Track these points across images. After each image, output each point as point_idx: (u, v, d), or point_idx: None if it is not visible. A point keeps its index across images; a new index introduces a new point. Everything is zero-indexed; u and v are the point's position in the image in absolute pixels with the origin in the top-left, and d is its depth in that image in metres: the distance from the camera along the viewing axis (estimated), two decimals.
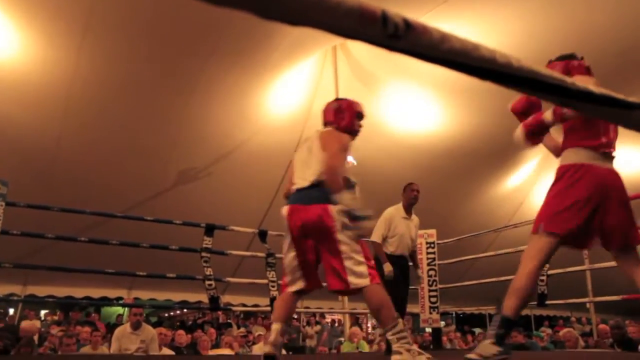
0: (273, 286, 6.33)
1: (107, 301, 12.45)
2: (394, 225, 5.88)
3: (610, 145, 2.91)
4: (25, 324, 9.07)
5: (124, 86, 8.83)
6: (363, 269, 3.06)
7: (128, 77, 8.72)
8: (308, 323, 14.82)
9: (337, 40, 10.44)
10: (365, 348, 9.49)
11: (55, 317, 14.31)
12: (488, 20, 9.00)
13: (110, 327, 10.55)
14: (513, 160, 13.12)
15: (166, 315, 21.18)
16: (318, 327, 13.51)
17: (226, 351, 7.65)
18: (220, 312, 13.69)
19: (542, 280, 5.89)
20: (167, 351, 6.71)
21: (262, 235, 7.01)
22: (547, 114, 3.06)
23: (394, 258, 5.85)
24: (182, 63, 8.69)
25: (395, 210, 6.04)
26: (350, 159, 10.16)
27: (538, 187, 15.27)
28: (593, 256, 9.86)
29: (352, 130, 3.56)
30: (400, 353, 2.86)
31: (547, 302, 6.02)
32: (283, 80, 10.23)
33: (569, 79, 0.79)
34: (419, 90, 10.81)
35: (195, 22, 8.06)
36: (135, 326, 6.34)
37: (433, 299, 6.93)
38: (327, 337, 12.42)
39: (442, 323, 10.30)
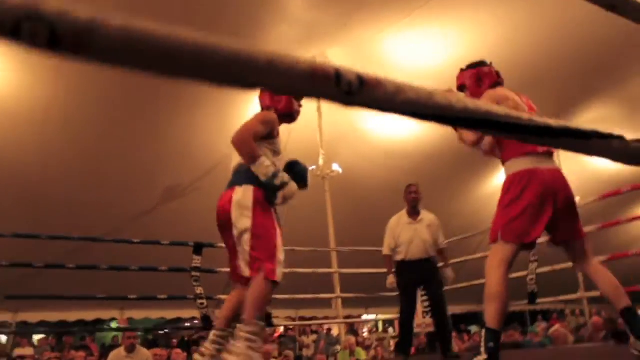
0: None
1: (100, 324, 12.36)
2: (398, 234, 5.73)
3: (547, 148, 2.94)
4: (19, 351, 8.99)
5: (103, 105, 8.80)
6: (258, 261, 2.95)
7: (107, 95, 8.68)
8: (304, 332, 14.79)
9: (316, 51, 10.47)
10: (362, 355, 9.49)
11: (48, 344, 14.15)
12: (467, 23, 9.09)
13: (105, 349, 10.48)
14: (496, 160, 13.20)
15: (161, 332, 21.02)
16: (314, 337, 13.49)
17: None
18: None
19: (531, 280, 5.91)
20: None
21: None
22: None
23: (408, 265, 5.70)
24: (161, 81, 8.67)
25: (398, 218, 5.90)
26: (335, 167, 10.20)
27: None
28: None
29: (292, 112, 3.47)
30: (235, 354, 2.67)
31: (539, 300, 6.03)
32: None
33: (525, 116, 0.80)
34: None
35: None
36: (130, 349, 6.31)
37: (425, 304, 6.94)
38: (324, 345, 12.39)
39: None
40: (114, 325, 17.82)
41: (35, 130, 8.66)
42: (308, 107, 11.04)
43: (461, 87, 3.32)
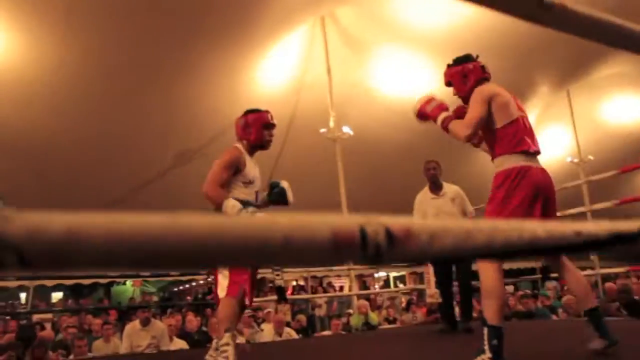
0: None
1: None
2: (423, 210, 5.54)
3: (537, 145, 2.97)
4: (37, 317, 9.17)
5: (110, 76, 8.69)
6: (225, 282, 3.23)
7: (113, 66, 8.57)
8: (315, 291, 14.94)
9: (325, 10, 10.23)
10: (375, 319, 9.55)
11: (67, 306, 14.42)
12: None
13: (122, 314, 10.63)
14: None
15: (175, 290, 21.41)
16: (326, 297, 13.61)
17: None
18: None
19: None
20: (178, 342, 6.74)
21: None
22: (439, 119, 3.12)
23: None
24: (166, 45, 8.54)
25: (422, 195, 5.72)
26: (346, 129, 10.08)
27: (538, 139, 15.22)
28: (592, 197, 9.88)
29: (263, 142, 3.61)
30: None
31: None
32: (272, 54, 10.07)
33: (568, 230, 0.72)
34: (412, 54, 10.65)
35: (176, 3, 7.88)
36: (145, 323, 6.36)
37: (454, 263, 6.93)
38: (336, 306, 12.49)
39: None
40: (128, 285, 18.18)
41: (46, 103, 8.59)
42: (317, 66, 10.88)
43: (448, 84, 3.26)
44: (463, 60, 3.22)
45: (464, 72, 3.14)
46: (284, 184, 3.77)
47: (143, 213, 0.45)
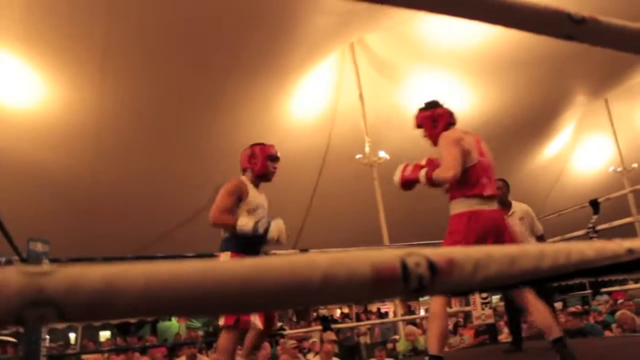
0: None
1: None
2: None
3: (493, 189, 3.15)
4: (86, 357, 9.28)
5: (149, 113, 8.90)
6: None
7: (152, 103, 8.78)
8: (358, 318, 14.79)
9: (354, 37, 10.31)
10: (422, 343, 9.38)
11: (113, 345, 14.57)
12: None
13: (168, 351, 10.66)
14: (548, 129, 12.82)
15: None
16: (370, 324, 13.44)
17: None
18: None
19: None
20: None
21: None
22: (422, 176, 3.23)
23: None
24: (204, 78, 8.70)
25: None
26: (382, 153, 10.05)
27: (577, 152, 14.92)
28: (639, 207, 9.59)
29: (267, 173, 3.74)
30: None
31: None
32: (305, 83, 10.17)
33: (617, 248, 0.69)
34: (444, 75, 10.62)
35: (211, 38, 8.06)
36: (191, 359, 6.38)
37: (483, 294, 6.77)
38: (379, 333, 12.33)
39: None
40: (174, 321, 18.28)
41: (89, 145, 8.83)
42: (350, 93, 10.93)
43: (419, 127, 3.46)
44: (433, 106, 3.42)
45: (434, 117, 3.35)
46: (272, 224, 3.64)
47: (179, 260, 0.44)
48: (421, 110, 3.46)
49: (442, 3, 0.80)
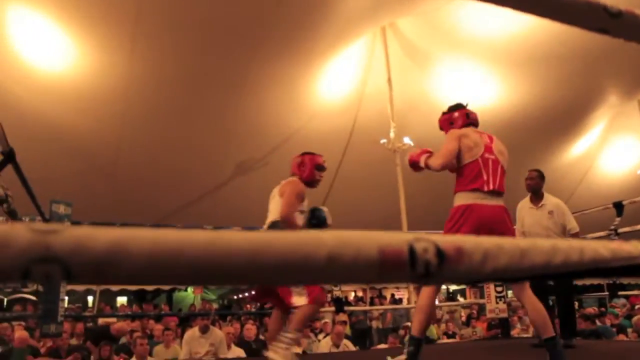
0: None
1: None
2: (522, 219, 5.41)
3: (496, 184, 3.30)
4: (102, 320, 9.47)
5: (177, 84, 8.93)
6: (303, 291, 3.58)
7: (180, 74, 8.81)
8: (372, 302, 14.83)
9: (386, 20, 10.20)
10: (434, 332, 9.39)
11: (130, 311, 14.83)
12: None
13: (182, 321, 10.82)
14: (576, 127, 12.61)
15: (235, 297, 21.68)
16: (383, 309, 13.47)
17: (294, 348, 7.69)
18: None
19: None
20: (236, 350, 6.81)
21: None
22: (422, 160, 3.51)
23: None
24: (232, 55, 8.70)
25: (523, 202, 5.54)
26: (406, 140, 9.99)
27: (605, 152, 14.67)
28: None
29: (313, 180, 4.08)
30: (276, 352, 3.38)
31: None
32: (333, 65, 10.11)
33: (635, 252, 0.68)
34: (475, 64, 10.48)
35: (243, 14, 8.04)
36: (204, 330, 6.47)
37: (499, 288, 6.74)
38: (391, 318, 12.35)
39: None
40: (189, 292, 18.54)
41: (116, 110, 8.91)
42: (378, 77, 10.85)
43: (441, 129, 3.72)
44: (453, 109, 3.69)
45: (451, 120, 3.62)
46: (324, 211, 4.14)
47: (187, 229, 0.44)
48: (443, 113, 3.73)
49: None
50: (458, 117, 3.61)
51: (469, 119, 3.59)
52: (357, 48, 10.52)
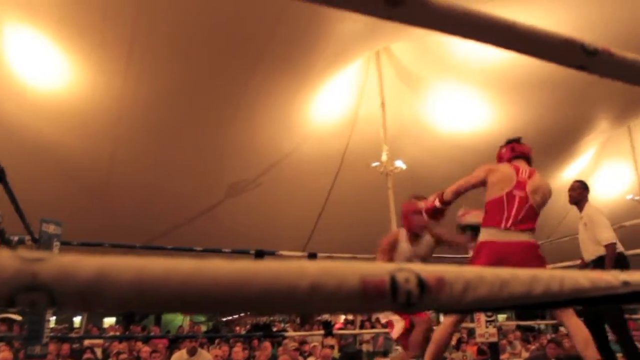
0: None
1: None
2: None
3: (517, 222, 3.27)
4: (89, 342, 9.37)
5: (170, 106, 8.96)
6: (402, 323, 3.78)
7: (174, 96, 8.83)
8: (362, 326, 14.73)
9: (380, 45, 10.31)
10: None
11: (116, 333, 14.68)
12: (542, 10, 8.57)
13: (171, 343, 10.71)
14: (568, 152, 12.71)
15: (223, 320, 21.52)
16: (373, 332, 13.39)
17: None
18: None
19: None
20: None
21: (312, 258, 6.93)
22: (433, 198, 3.71)
23: (588, 266, 5.20)
24: (226, 78, 8.74)
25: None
26: (398, 163, 10.03)
27: (596, 177, 14.76)
28: None
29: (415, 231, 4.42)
30: None
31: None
32: (328, 87, 10.18)
33: (615, 282, 0.69)
34: (467, 89, 10.58)
35: (238, 34, 8.09)
36: (192, 352, 6.43)
37: (489, 312, 6.72)
38: (382, 341, 12.28)
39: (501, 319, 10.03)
40: (178, 314, 18.37)
41: (109, 130, 8.91)
42: (372, 100, 10.91)
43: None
44: (504, 145, 3.77)
45: (500, 156, 3.72)
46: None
47: (173, 257, 0.45)
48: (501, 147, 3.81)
49: (457, 25, 0.80)
50: (505, 151, 3.67)
51: (514, 152, 3.62)
52: (352, 71, 10.61)
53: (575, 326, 3.12)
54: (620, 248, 5.03)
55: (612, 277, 0.69)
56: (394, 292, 0.52)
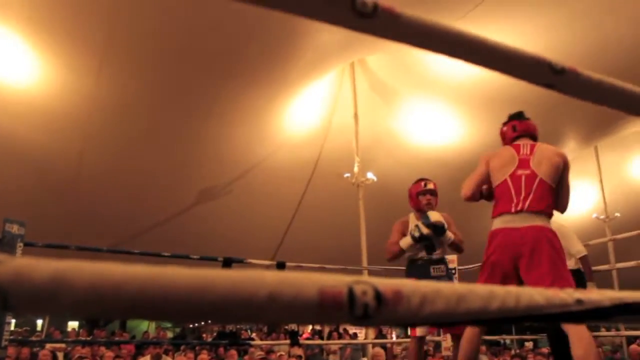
0: None
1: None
2: None
3: (526, 203, 2.98)
4: (50, 346, 9.16)
5: (142, 109, 8.88)
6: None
7: (146, 100, 8.77)
8: (330, 336, 14.72)
9: (355, 57, 10.38)
10: None
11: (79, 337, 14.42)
12: (523, 26, 8.68)
13: (136, 349, 10.55)
14: None
15: (190, 326, 21.29)
16: (340, 343, 13.39)
17: None
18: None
19: None
20: None
21: (280, 267, 6.88)
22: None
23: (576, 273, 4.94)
24: (198, 84, 8.71)
25: None
26: (370, 175, 10.09)
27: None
28: (618, 255, 9.67)
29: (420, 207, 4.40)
30: None
31: None
32: (301, 97, 10.20)
33: (570, 300, 0.71)
34: (440, 103, 10.71)
35: (211, 43, 8.07)
36: (156, 359, 6.36)
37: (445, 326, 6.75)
38: (350, 352, 12.29)
39: None
40: (144, 323, 18.15)
41: (78, 130, 8.80)
42: (345, 112, 10.98)
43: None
44: (507, 121, 3.46)
45: (502, 135, 3.42)
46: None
47: (130, 264, 0.45)
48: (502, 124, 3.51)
49: (427, 39, 0.82)
50: (506, 131, 3.38)
51: (517, 132, 3.30)
52: (326, 82, 10.66)
53: (577, 333, 2.83)
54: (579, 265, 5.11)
55: (566, 295, 0.71)
56: (352, 304, 0.53)
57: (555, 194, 3.07)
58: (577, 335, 2.80)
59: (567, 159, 3.17)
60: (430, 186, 4.42)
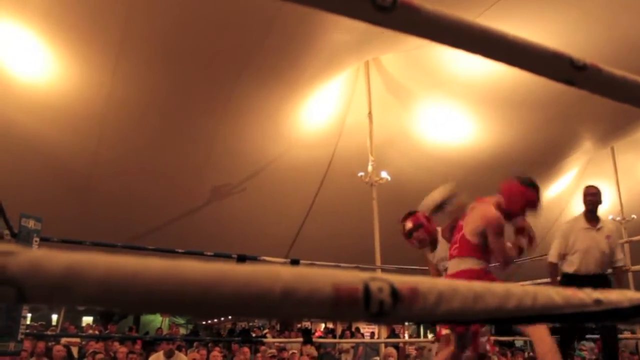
0: None
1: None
2: (573, 240, 4.83)
3: (453, 254, 3.48)
4: (65, 340, 9.27)
5: (157, 106, 8.92)
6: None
7: (162, 97, 8.80)
8: (342, 335, 14.72)
9: (370, 56, 10.35)
10: None
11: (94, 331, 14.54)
12: (538, 25, 8.60)
13: (147, 345, 10.64)
14: (551, 171, 12.81)
15: (203, 323, 21.39)
16: (353, 342, 13.38)
17: None
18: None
19: None
20: None
21: (294, 265, 6.90)
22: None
23: (580, 279, 4.79)
24: (214, 82, 8.73)
25: (574, 222, 5.02)
26: (384, 174, 10.06)
27: (578, 197, 14.86)
28: (634, 257, 9.56)
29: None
30: None
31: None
32: (316, 96, 10.19)
33: (587, 300, 0.69)
34: (455, 103, 10.64)
35: (229, 41, 8.08)
36: (169, 355, 6.38)
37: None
38: (362, 351, 12.27)
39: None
40: (157, 314, 18.24)
41: (94, 126, 8.85)
42: (359, 111, 10.95)
43: None
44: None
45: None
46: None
47: (144, 258, 0.45)
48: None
49: (447, 34, 0.81)
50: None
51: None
52: (340, 81, 10.64)
53: (538, 334, 3.06)
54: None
55: (585, 295, 0.70)
56: (367, 301, 0.52)
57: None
58: (538, 337, 3.07)
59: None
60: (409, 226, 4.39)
